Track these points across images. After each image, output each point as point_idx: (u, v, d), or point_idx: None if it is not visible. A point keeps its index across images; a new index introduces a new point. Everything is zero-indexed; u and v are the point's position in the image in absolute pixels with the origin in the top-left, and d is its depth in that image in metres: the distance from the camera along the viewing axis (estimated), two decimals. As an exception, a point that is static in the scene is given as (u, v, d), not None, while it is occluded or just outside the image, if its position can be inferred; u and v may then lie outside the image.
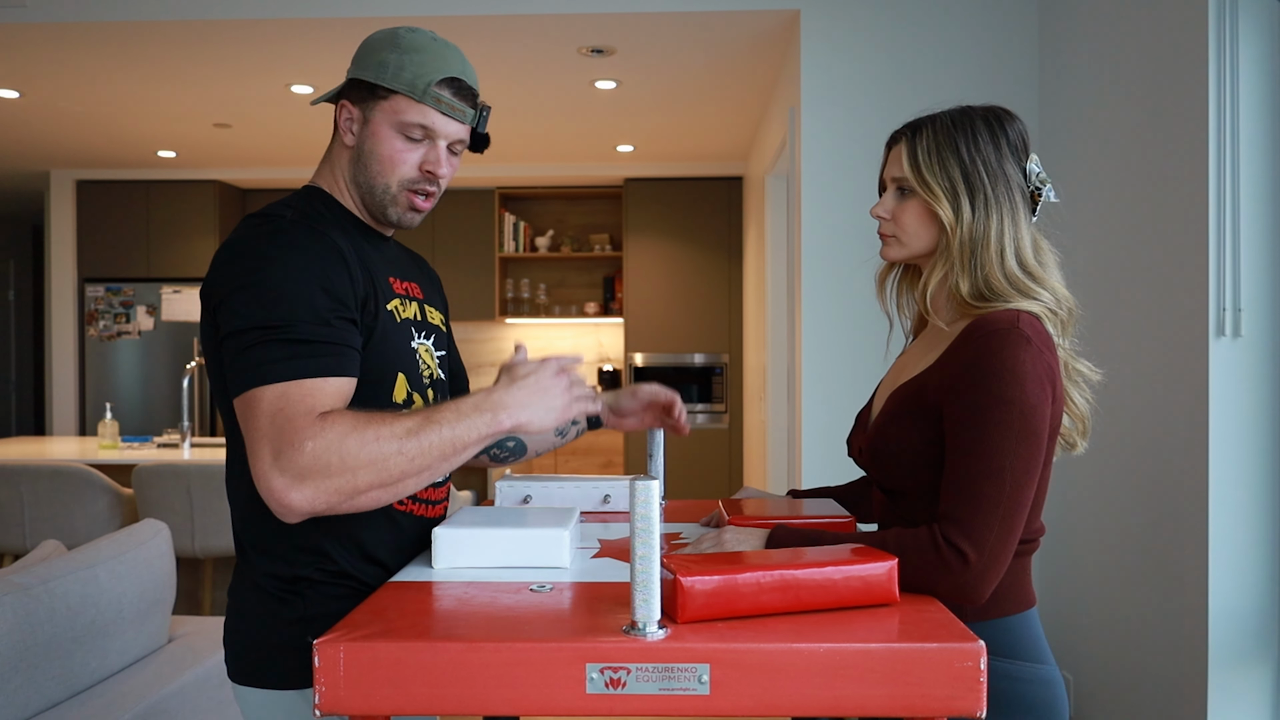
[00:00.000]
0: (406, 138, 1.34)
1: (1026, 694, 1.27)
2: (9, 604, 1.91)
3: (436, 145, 1.36)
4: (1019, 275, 1.28)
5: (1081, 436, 1.34)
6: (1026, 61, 3.32)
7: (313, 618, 1.29)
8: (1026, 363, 1.19)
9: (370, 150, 1.35)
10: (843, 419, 3.34)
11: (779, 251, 4.56)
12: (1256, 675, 2.17)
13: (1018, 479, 1.18)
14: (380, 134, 1.34)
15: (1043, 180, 1.33)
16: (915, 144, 1.34)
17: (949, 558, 1.17)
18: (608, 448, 6.32)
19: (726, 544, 1.28)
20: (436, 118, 1.34)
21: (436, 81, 1.33)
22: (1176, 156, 2.35)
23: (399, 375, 1.35)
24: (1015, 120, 1.35)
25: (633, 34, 3.67)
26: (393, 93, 1.32)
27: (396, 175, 1.35)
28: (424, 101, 1.32)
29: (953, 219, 1.30)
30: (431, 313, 1.50)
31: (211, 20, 3.51)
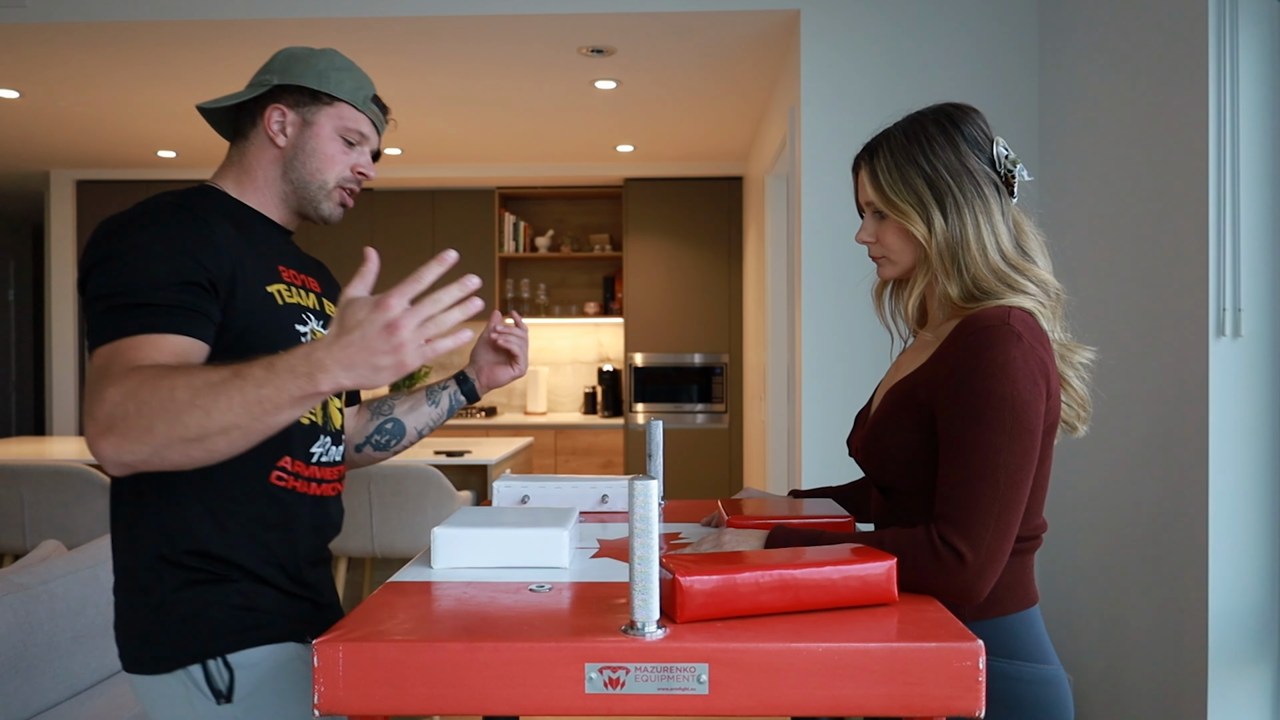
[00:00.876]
0: (346, 142, 1.50)
1: (1028, 695, 1.26)
2: (9, 604, 1.91)
3: (366, 152, 1.53)
4: (1004, 268, 1.28)
5: (1081, 421, 1.34)
6: (1026, 61, 3.32)
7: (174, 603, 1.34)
8: (1018, 359, 1.19)
9: (312, 149, 1.48)
10: (843, 419, 3.35)
11: (779, 251, 4.56)
12: (1256, 675, 2.17)
13: (1012, 476, 1.18)
14: (323, 135, 1.48)
15: (1013, 162, 1.33)
16: (875, 166, 1.35)
17: (946, 558, 1.16)
18: (607, 448, 6.33)
19: (725, 545, 1.28)
20: (369, 128, 1.52)
21: (370, 96, 1.51)
22: (1176, 156, 2.35)
23: None
24: (970, 113, 1.34)
25: (633, 34, 3.67)
26: (337, 100, 1.47)
27: (333, 174, 1.49)
28: (364, 111, 1.50)
29: (926, 232, 1.31)
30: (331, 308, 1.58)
31: (211, 20, 3.52)
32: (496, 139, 5.52)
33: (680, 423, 6.27)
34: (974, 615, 1.27)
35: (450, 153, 5.88)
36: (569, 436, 6.33)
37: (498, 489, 1.63)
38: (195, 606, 1.35)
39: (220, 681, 1.34)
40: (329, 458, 1.51)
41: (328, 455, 1.50)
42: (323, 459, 1.49)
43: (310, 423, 1.46)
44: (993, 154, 1.32)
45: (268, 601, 1.40)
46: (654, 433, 1.71)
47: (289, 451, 1.42)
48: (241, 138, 1.52)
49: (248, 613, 1.38)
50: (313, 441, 1.47)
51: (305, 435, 1.45)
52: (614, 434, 6.32)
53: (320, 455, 1.48)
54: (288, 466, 1.42)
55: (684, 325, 6.29)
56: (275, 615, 1.41)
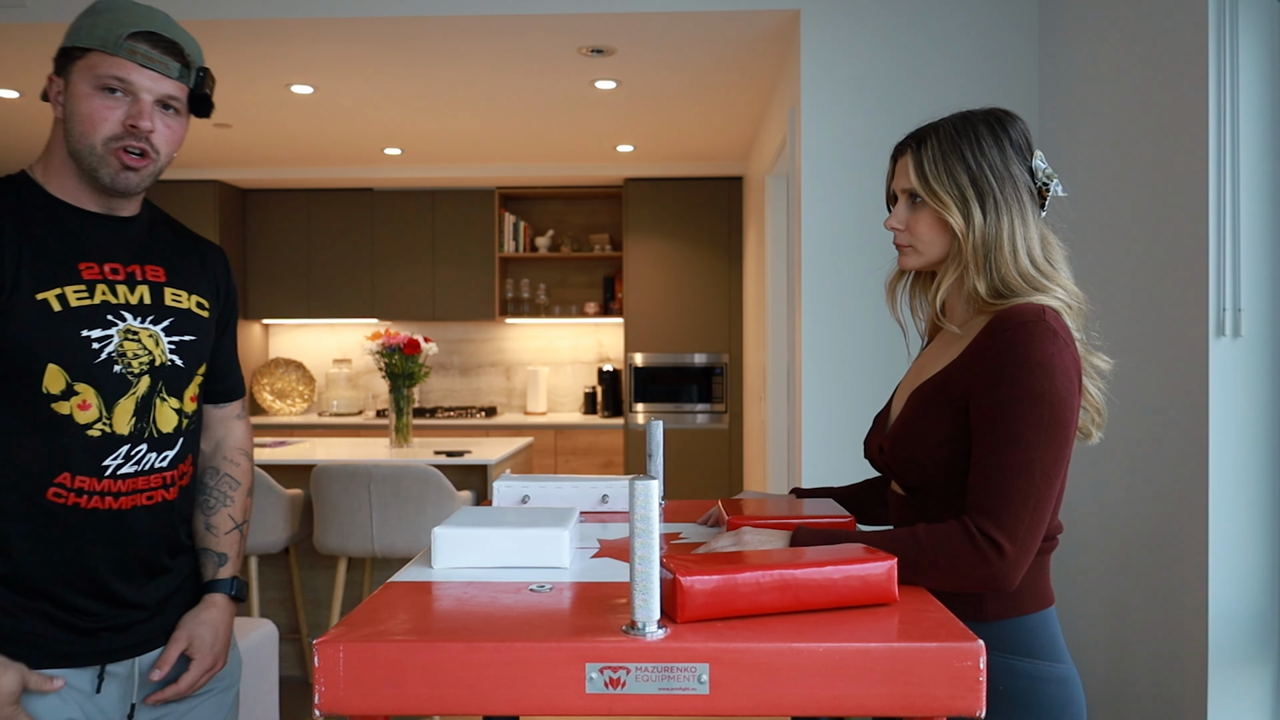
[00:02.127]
0: (106, 91, 1.33)
1: (1044, 693, 1.27)
2: (9, 604, 1.90)
3: (140, 100, 1.35)
4: (1033, 273, 1.30)
5: (1096, 427, 1.35)
6: (1026, 61, 3.32)
7: None
8: (1055, 356, 1.21)
9: (73, 112, 1.34)
10: (843, 419, 3.35)
11: (779, 251, 4.56)
12: (1256, 675, 2.17)
13: (1046, 471, 1.20)
14: (79, 93, 1.33)
15: (1049, 176, 1.35)
16: (921, 154, 1.35)
17: (985, 549, 1.18)
18: (607, 448, 6.33)
19: (747, 545, 1.28)
20: (133, 70, 1.33)
21: (129, 34, 1.33)
22: (1176, 156, 2.35)
23: (49, 366, 1.31)
24: (1017, 120, 1.36)
25: (633, 34, 3.67)
26: (87, 50, 1.32)
27: (100, 134, 1.34)
28: (117, 54, 1.32)
29: (964, 226, 1.32)
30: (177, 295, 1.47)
31: (212, 20, 3.51)
32: (496, 139, 5.52)
33: (680, 423, 6.27)
34: (995, 614, 1.28)
35: (450, 153, 5.88)
36: (569, 436, 6.33)
37: (498, 489, 1.63)
38: None
39: None
40: (140, 467, 1.40)
41: (136, 465, 1.40)
42: (125, 469, 1.39)
43: (104, 433, 1.37)
44: (1032, 164, 1.35)
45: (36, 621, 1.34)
46: (654, 433, 1.71)
47: (67, 468, 1.34)
48: None
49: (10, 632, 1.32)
50: (107, 454, 1.37)
51: (95, 448, 1.36)
52: (614, 434, 6.32)
53: (121, 466, 1.38)
54: (67, 483, 1.34)
55: (684, 325, 6.29)
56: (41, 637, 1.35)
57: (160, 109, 1.38)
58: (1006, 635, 1.28)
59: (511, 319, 6.75)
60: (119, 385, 1.38)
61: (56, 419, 1.33)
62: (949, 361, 1.33)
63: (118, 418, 1.38)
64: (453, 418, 6.48)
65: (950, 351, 1.35)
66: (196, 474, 1.57)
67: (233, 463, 1.63)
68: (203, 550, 1.58)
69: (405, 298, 6.50)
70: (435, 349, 4.65)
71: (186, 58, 1.38)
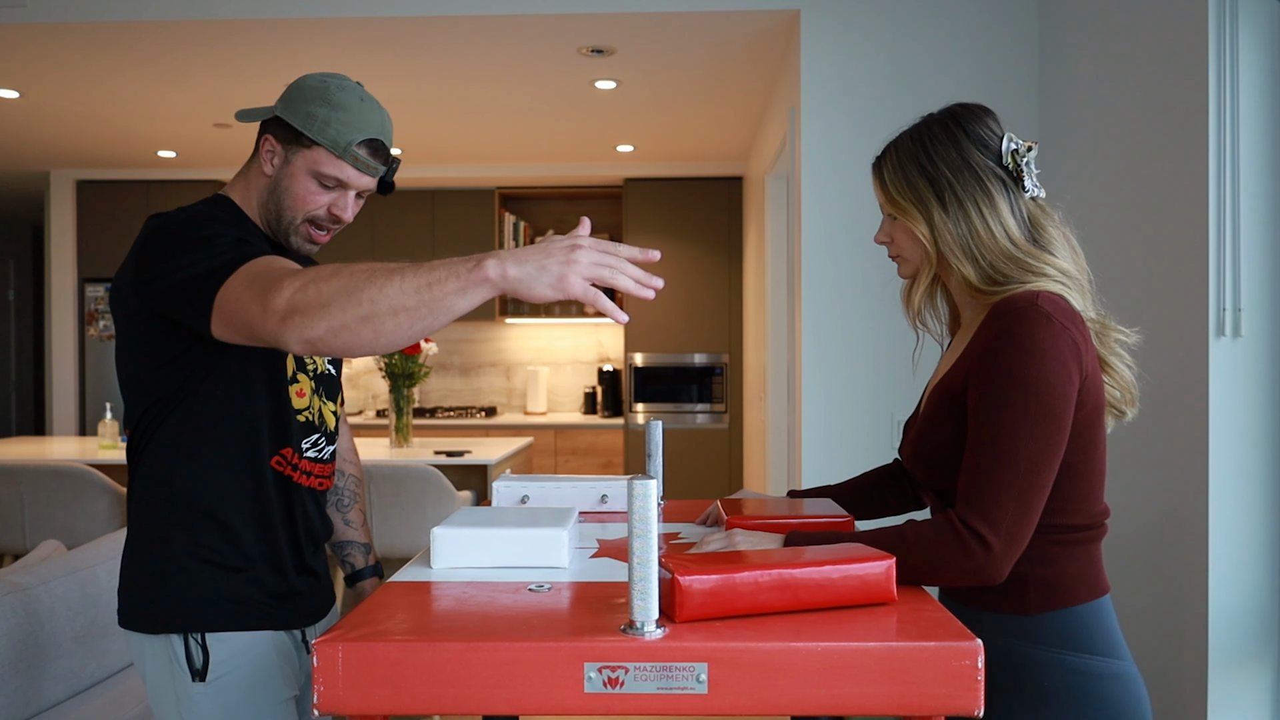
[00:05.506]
0: (321, 185, 1.49)
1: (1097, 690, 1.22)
2: (9, 604, 1.91)
3: (346, 194, 1.51)
4: (1017, 253, 1.29)
5: (1129, 404, 1.34)
6: (1026, 61, 3.32)
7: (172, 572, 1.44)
8: (1045, 340, 1.20)
9: (286, 188, 1.49)
10: (843, 419, 3.35)
11: (779, 251, 4.56)
12: (1256, 675, 2.17)
13: (1034, 460, 1.18)
14: (297, 176, 1.48)
15: (1021, 156, 1.33)
16: (883, 170, 1.39)
17: (969, 542, 1.17)
18: (607, 448, 6.33)
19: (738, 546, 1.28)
20: (351, 173, 1.48)
21: (357, 142, 1.46)
22: (1176, 156, 2.35)
23: (288, 355, 1.50)
24: (975, 113, 1.36)
25: (633, 34, 3.67)
26: (315, 144, 1.46)
27: (304, 212, 1.50)
28: (343, 158, 1.47)
29: (927, 231, 1.33)
30: None
31: (211, 20, 3.51)
32: (496, 139, 5.52)
33: (680, 423, 6.28)
34: (1039, 606, 1.25)
35: (450, 153, 5.88)
36: (569, 436, 6.33)
37: (498, 489, 1.63)
38: (189, 580, 1.44)
39: (196, 659, 1.43)
40: (319, 454, 1.59)
41: (318, 451, 1.59)
42: (310, 454, 1.57)
43: (306, 420, 1.56)
44: (1000, 149, 1.34)
45: (256, 588, 1.48)
46: (654, 433, 1.71)
47: (290, 442, 1.52)
48: (252, 155, 1.55)
49: (237, 596, 1.46)
50: (305, 437, 1.55)
51: (301, 430, 1.54)
52: (614, 434, 6.32)
53: (310, 450, 1.57)
54: (288, 455, 1.51)
55: (684, 325, 6.29)
56: (261, 603, 1.48)
57: (357, 196, 1.54)
58: (1053, 628, 1.25)
59: (511, 319, 6.75)
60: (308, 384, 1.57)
61: (288, 399, 1.52)
62: (955, 361, 1.33)
63: (312, 410, 1.57)
64: (453, 418, 6.49)
65: (957, 350, 1.36)
66: None
67: (350, 463, 1.84)
68: (348, 543, 1.80)
69: (405, 298, 6.50)
70: (435, 349, 4.65)
71: (389, 155, 1.53)
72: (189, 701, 1.43)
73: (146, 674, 1.47)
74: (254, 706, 1.46)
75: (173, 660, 1.43)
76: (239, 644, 1.46)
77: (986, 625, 1.28)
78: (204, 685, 1.43)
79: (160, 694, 1.46)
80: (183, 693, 1.43)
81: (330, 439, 1.62)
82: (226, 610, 1.45)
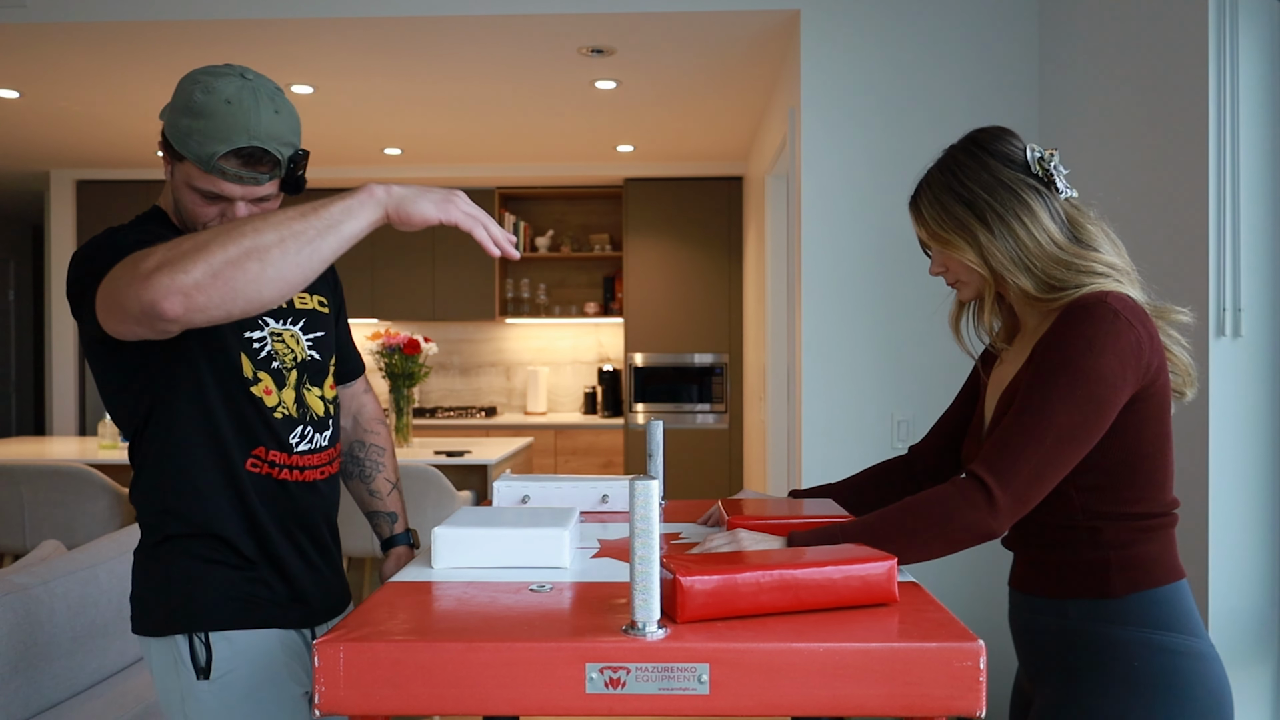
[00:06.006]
0: (203, 196, 1.43)
1: (1184, 669, 1.25)
2: (9, 604, 1.91)
3: (234, 205, 1.44)
4: (1066, 256, 1.33)
5: (1188, 385, 1.37)
6: (1026, 62, 3.32)
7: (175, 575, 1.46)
8: (1109, 334, 1.23)
9: (179, 200, 1.47)
10: (843, 419, 3.35)
11: (779, 251, 4.56)
12: (1256, 675, 2.17)
13: (1061, 436, 1.21)
14: (181, 190, 1.45)
15: (1047, 160, 1.37)
16: (920, 209, 1.43)
17: (975, 493, 1.20)
18: (607, 448, 6.33)
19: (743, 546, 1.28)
20: (226, 186, 1.41)
21: (221, 154, 1.38)
22: (1176, 157, 2.35)
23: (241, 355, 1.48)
24: (994, 134, 1.41)
25: (633, 34, 3.67)
26: (183, 158, 1.42)
27: (200, 222, 1.46)
28: (211, 172, 1.40)
29: (979, 256, 1.37)
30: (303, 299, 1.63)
31: (211, 20, 3.51)
32: (496, 139, 5.52)
33: (680, 423, 6.27)
34: (1124, 589, 1.28)
35: (450, 153, 5.88)
36: (569, 436, 6.33)
37: (498, 489, 1.63)
38: (192, 583, 1.46)
39: (200, 657, 1.44)
40: (311, 446, 1.56)
41: (309, 444, 1.56)
42: (302, 447, 1.55)
43: (284, 415, 1.52)
44: (1026, 160, 1.38)
45: (260, 587, 1.49)
46: (654, 433, 1.71)
47: (263, 442, 1.50)
48: None
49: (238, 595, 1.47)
50: (289, 432, 1.53)
51: (281, 427, 1.52)
52: (614, 434, 6.32)
53: (299, 444, 1.54)
54: (262, 455, 1.50)
55: (684, 325, 6.29)
56: (264, 601, 1.49)
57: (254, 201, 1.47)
58: (1139, 609, 1.27)
59: (511, 319, 6.75)
60: (279, 378, 1.53)
61: (254, 399, 1.49)
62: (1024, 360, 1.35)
63: (287, 403, 1.54)
64: (453, 418, 6.48)
65: (1025, 351, 1.38)
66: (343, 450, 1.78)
67: (373, 432, 1.82)
68: (373, 514, 1.80)
69: (405, 298, 6.50)
70: (435, 349, 4.65)
71: (276, 158, 1.43)
72: (194, 700, 1.44)
73: (156, 675, 1.49)
74: (259, 705, 1.46)
75: (178, 660, 1.45)
76: (244, 642, 1.47)
77: (1072, 612, 1.32)
78: (208, 683, 1.44)
79: (168, 695, 1.47)
80: (188, 691, 1.44)
81: (321, 426, 1.59)
82: (231, 609, 1.46)
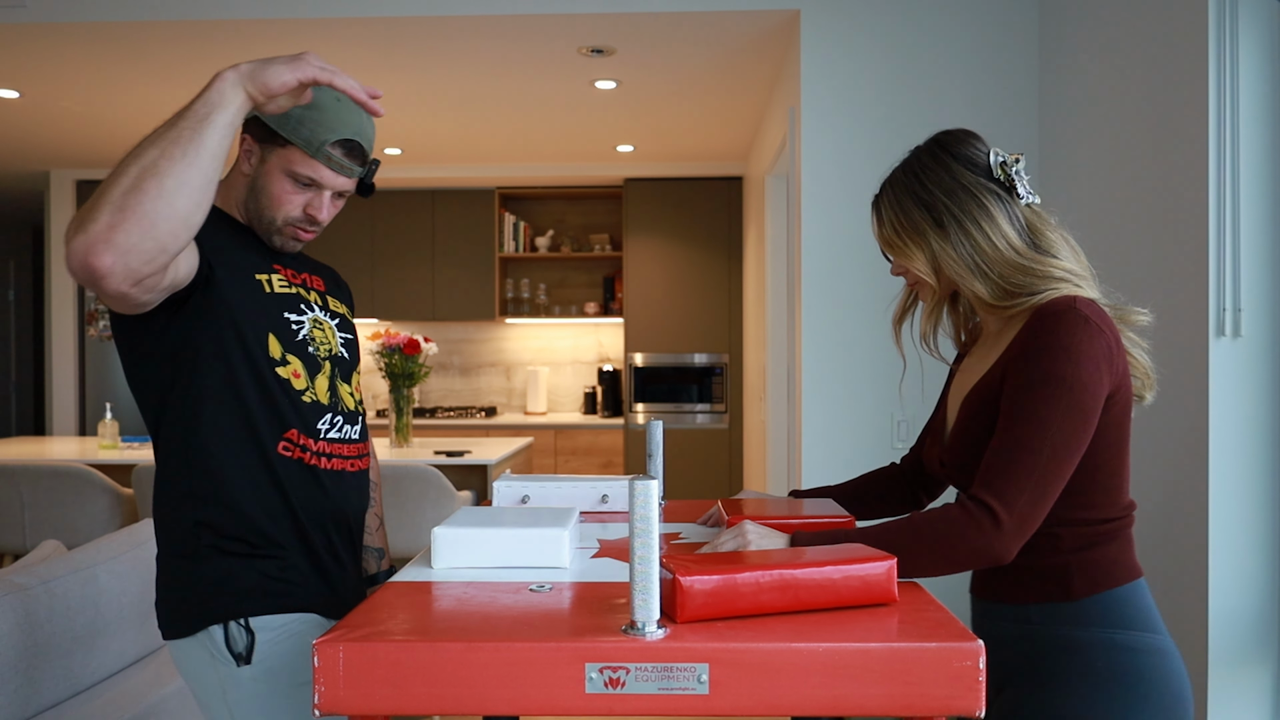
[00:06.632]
0: (296, 184, 1.49)
1: (1146, 666, 1.26)
2: (9, 604, 1.91)
3: (322, 194, 1.52)
4: (1023, 262, 1.33)
5: (1147, 389, 1.37)
6: (1026, 62, 3.32)
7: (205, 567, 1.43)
8: (1083, 341, 1.23)
9: (263, 187, 1.50)
10: (842, 419, 3.35)
11: (779, 251, 4.56)
12: (1256, 675, 2.17)
13: (1057, 452, 1.21)
14: (273, 175, 1.49)
15: (1009, 166, 1.37)
16: (880, 210, 1.43)
17: (980, 516, 1.20)
18: (607, 448, 6.33)
19: (750, 542, 1.28)
20: (325, 173, 1.49)
21: (331, 142, 1.47)
22: (1176, 157, 2.35)
23: (269, 334, 1.49)
24: (959, 136, 1.40)
25: (633, 34, 3.67)
26: (289, 143, 1.47)
27: (282, 213, 1.51)
28: (316, 158, 1.47)
29: (929, 266, 1.38)
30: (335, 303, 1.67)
31: (211, 20, 3.51)
32: (496, 139, 5.52)
33: (680, 423, 6.27)
34: (1084, 591, 1.29)
35: (450, 153, 5.88)
36: (569, 436, 6.33)
37: (498, 489, 1.63)
38: (224, 570, 1.44)
39: (239, 643, 1.42)
40: (341, 435, 1.57)
41: (339, 432, 1.56)
42: (331, 434, 1.55)
43: (313, 401, 1.53)
44: (989, 164, 1.37)
45: (293, 572, 1.48)
46: (654, 433, 1.71)
47: (294, 425, 1.50)
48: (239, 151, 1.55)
49: (273, 580, 1.46)
50: (318, 418, 1.53)
51: (309, 411, 1.52)
52: (614, 434, 6.32)
53: (328, 431, 1.54)
54: (294, 438, 1.49)
55: (684, 325, 6.29)
56: (298, 585, 1.48)
57: (334, 197, 1.55)
58: (1100, 610, 1.29)
59: (511, 319, 6.75)
60: (313, 364, 1.54)
61: (280, 380, 1.48)
62: (993, 363, 1.35)
63: (318, 390, 1.54)
64: (453, 418, 6.48)
65: (992, 354, 1.38)
66: None
67: None
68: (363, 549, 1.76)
69: (405, 298, 6.50)
70: (435, 349, 4.65)
71: (367, 156, 1.54)
72: (235, 689, 1.41)
73: (190, 676, 1.46)
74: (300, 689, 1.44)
75: (214, 654, 1.43)
76: (282, 628, 1.45)
77: (1035, 617, 1.32)
78: (249, 669, 1.41)
79: (206, 691, 1.44)
80: (228, 681, 1.42)
81: (352, 419, 1.60)
82: (267, 594, 1.45)
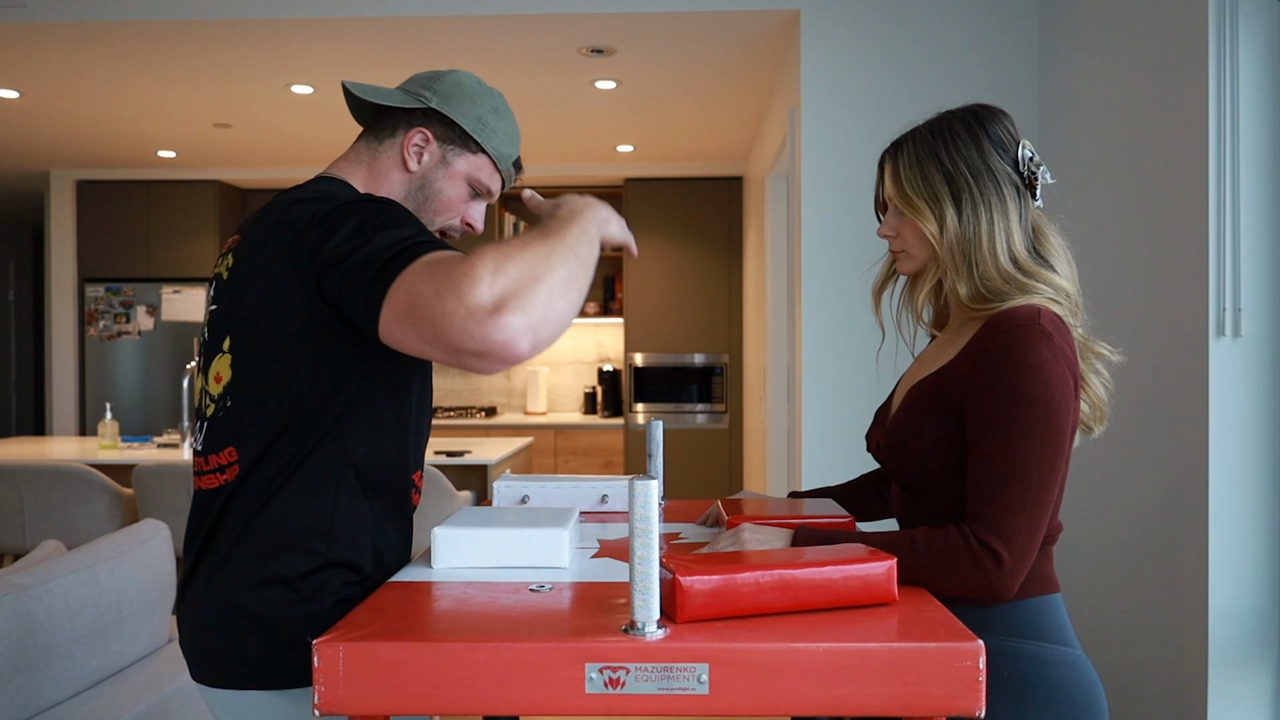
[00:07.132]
0: (473, 191, 1.46)
1: (1054, 676, 1.26)
2: (9, 604, 1.91)
3: (482, 205, 1.49)
4: (1012, 271, 1.28)
5: (1097, 422, 1.34)
6: (1026, 61, 3.32)
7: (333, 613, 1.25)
8: (1049, 359, 1.20)
9: (438, 189, 1.42)
10: (842, 419, 3.35)
11: (779, 251, 4.56)
12: (1256, 675, 2.17)
13: (1043, 476, 1.19)
14: (455, 180, 1.43)
15: (1036, 164, 1.33)
16: (898, 161, 1.36)
17: (983, 559, 1.18)
18: (607, 448, 6.32)
19: (746, 543, 1.28)
20: (498, 185, 1.49)
21: (514, 158, 1.49)
22: (1176, 156, 2.35)
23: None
24: (996, 114, 1.34)
25: (633, 34, 3.67)
26: (482, 151, 1.43)
27: (444, 218, 1.45)
28: (499, 170, 1.47)
29: (937, 230, 1.31)
30: None
31: (211, 20, 3.51)
32: (496, 139, 5.51)
33: (680, 423, 6.27)
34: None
35: (450, 153, 5.87)
36: (569, 436, 6.33)
37: (498, 489, 1.63)
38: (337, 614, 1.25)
39: None
40: None
41: None
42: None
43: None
44: (1017, 155, 1.33)
45: None
46: (654, 433, 1.71)
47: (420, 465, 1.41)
48: (376, 140, 1.42)
49: None
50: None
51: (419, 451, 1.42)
52: (614, 434, 6.32)
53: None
54: (416, 481, 1.41)
55: (684, 325, 6.29)
56: None
57: None
58: (1011, 618, 1.27)
59: (511, 319, 6.74)
60: None
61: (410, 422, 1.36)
62: (945, 362, 1.32)
63: None
64: (453, 418, 6.48)
65: (947, 352, 1.34)
66: None
67: None
68: None
69: (405, 298, 6.49)
70: (435, 349, 4.64)
71: None
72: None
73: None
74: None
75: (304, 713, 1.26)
76: None
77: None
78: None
79: None
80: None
81: None
82: None
